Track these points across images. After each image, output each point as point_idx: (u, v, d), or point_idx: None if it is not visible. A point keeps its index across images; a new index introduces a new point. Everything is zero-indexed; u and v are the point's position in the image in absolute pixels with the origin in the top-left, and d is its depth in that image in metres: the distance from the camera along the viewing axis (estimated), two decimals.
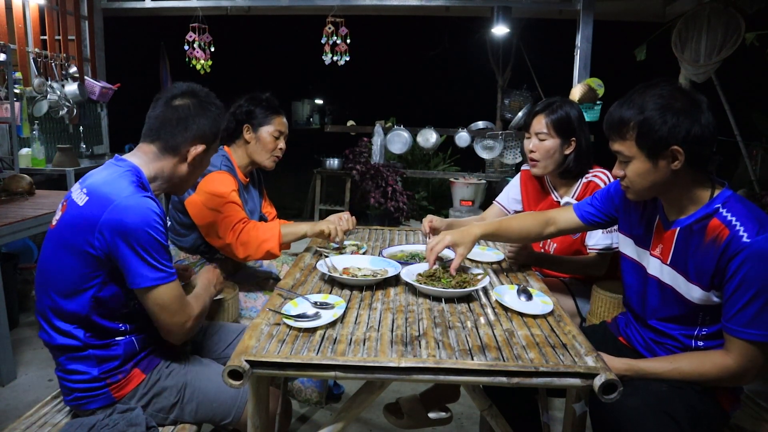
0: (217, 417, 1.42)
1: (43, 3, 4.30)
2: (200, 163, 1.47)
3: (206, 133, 1.43)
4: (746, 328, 1.19)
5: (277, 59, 23.98)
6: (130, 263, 1.24)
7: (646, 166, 1.27)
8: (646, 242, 1.44)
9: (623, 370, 1.30)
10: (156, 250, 1.26)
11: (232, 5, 5.18)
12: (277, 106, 2.12)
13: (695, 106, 1.22)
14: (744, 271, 1.17)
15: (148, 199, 1.28)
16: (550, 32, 7.17)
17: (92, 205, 1.26)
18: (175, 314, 1.30)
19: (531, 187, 2.13)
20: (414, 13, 5.51)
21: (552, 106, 1.92)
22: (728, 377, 1.25)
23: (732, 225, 1.21)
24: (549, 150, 1.91)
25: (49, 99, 4.24)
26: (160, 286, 1.27)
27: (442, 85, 19.67)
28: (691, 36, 4.21)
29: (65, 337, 1.31)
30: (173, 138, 1.40)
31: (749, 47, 3.91)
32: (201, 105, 1.43)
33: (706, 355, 1.30)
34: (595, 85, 4.62)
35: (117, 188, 1.27)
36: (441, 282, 1.47)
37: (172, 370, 1.42)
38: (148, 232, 1.24)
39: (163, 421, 1.40)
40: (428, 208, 6.80)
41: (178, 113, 1.40)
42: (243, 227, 1.87)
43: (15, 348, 2.75)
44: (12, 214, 2.59)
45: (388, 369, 1.07)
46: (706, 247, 1.25)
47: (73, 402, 1.35)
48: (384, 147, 5.79)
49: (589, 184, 1.93)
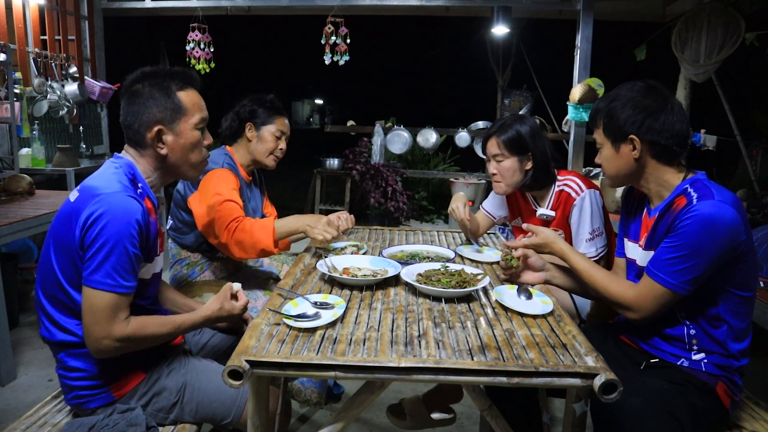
0: (217, 417, 1.42)
1: (43, 3, 4.30)
2: (178, 144, 1.39)
3: (153, 113, 1.35)
4: (657, 270, 1.31)
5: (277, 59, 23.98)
6: (93, 259, 1.23)
7: (612, 152, 1.42)
8: (636, 235, 1.50)
9: (565, 248, 1.52)
10: (118, 258, 1.22)
11: (232, 5, 5.18)
12: (280, 107, 2.13)
13: (659, 104, 1.34)
14: (681, 227, 1.27)
15: (133, 201, 1.26)
16: (550, 32, 7.17)
17: (80, 199, 1.28)
18: (97, 323, 1.23)
19: (514, 196, 2.16)
20: (414, 13, 5.51)
21: (503, 127, 1.94)
22: (620, 303, 1.39)
23: (690, 196, 1.30)
24: (509, 169, 1.94)
25: (49, 99, 4.24)
26: (99, 290, 1.22)
27: (442, 85, 19.68)
28: (691, 36, 4.21)
29: (64, 333, 1.31)
30: (131, 131, 1.37)
31: (749, 47, 3.91)
32: (131, 93, 1.37)
33: (617, 278, 1.48)
34: (595, 85, 4.62)
35: (105, 183, 1.29)
36: (441, 282, 1.47)
37: (172, 369, 1.42)
38: (120, 239, 1.22)
39: (163, 420, 1.40)
40: (428, 208, 6.81)
41: (125, 107, 1.38)
42: (237, 225, 1.84)
43: (15, 348, 2.75)
44: (12, 214, 2.59)
45: (388, 369, 1.07)
46: (669, 220, 1.33)
47: (74, 401, 1.35)
48: (384, 147, 5.79)
49: (561, 194, 1.96)
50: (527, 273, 1.62)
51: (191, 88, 1.42)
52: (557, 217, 1.95)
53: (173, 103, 1.36)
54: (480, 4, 5.13)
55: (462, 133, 5.66)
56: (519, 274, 1.61)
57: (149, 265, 1.37)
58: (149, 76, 1.38)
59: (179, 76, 1.40)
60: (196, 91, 1.43)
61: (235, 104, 2.14)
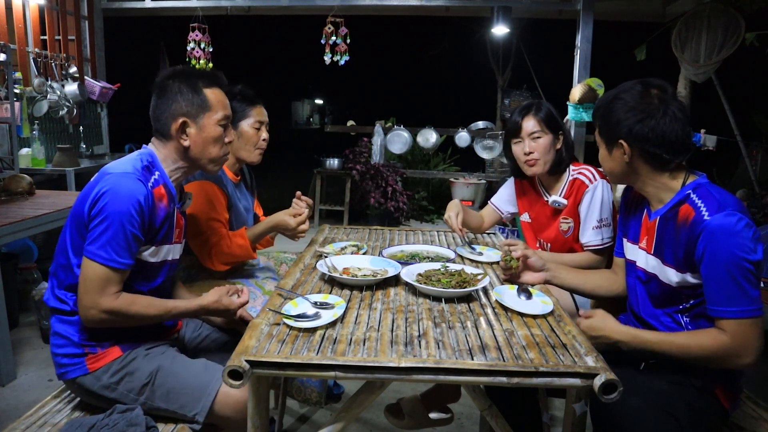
0: (185, 407, 1.39)
1: (43, 3, 4.30)
2: (200, 137, 1.47)
3: (180, 106, 1.44)
4: (726, 307, 1.21)
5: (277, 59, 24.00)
6: (93, 231, 1.32)
7: (605, 153, 1.43)
8: (636, 237, 1.49)
9: (624, 334, 1.31)
10: (114, 234, 1.30)
11: (232, 5, 5.18)
12: (253, 96, 2.06)
13: (650, 110, 1.30)
14: (710, 251, 1.22)
15: (138, 183, 1.34)
16: (550, 32, 7.18)
17: (96, 178, 1.39)
18: (87, 292, 1.31)
19: (524, 189, 2.17)
20: (414, 13, 5.51)
21: (538, 106, 1.98)
22: (725, 353, 1.23)
23: (698, 207, 1.26)
24: (546, 146, 1.95)
25: (49, 99, 4.24)
26: (94, 262, 1.30)
27: (442, 85, 19.69)
28: (691, 36, 4.21)
29: (59, 301, 1.41)
30: (158, 123, 1.47)
31: (749, 47, 3.91)
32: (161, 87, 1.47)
33: (704, 330, 1.29)
34: (595, 85, 4.63)
35: (119, 165, 1.38)
36: (441, 282, 1.47)
37: (150, 353, 1.44)
38: (118, 216, 1.30)
39: (134, 402, 1.39)
40: (428, 208, 6.81)
41: (155, 100, 1.47)
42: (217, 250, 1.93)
43: (15, 348, 2.75)
44: (12, 214, 2.59)
45: (388, 369, 1.07)
46: (678, 230, 1.30)
47: (58, 369, 1.42)
48: (384, 147, 5.79)
49: (574, 181, 1.97)
50: (527, 273, 1.62)
51: (217, 87, 1.51)
52: (568, 206, 1.97)
53: (199, 98, 1.46)
54: (480, 4, 5.14)
55: (462, 133, 5.66)
56: (519, 274, 1.61)
57: (154, 249, 1.43)
58: (180, 74, 1.48)
59: (207, 75, 1.51)
60: (222, 91, 1.52)
61: None
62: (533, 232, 2.12)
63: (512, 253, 1.58)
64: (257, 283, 2.13)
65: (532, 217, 2.12)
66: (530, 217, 2.13)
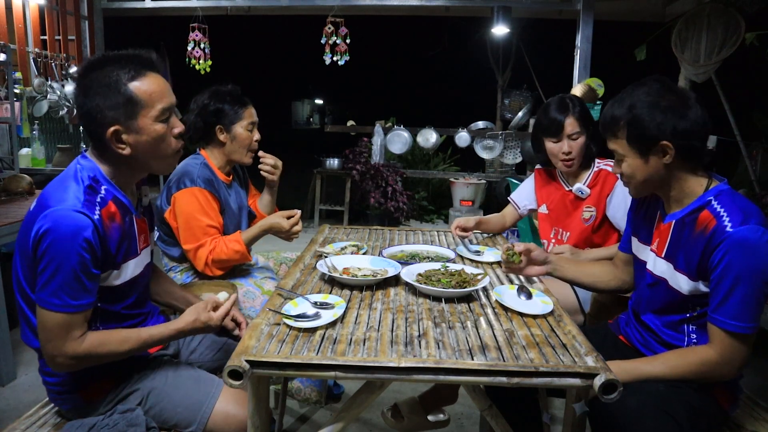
0: (181, 424, 1.37)
1: (43, 3, 4.30)
2: (140, 142, 1.24)
3: (105, 114, 1.20)
4: (729, 319, 1.21)
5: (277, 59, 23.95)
6: (41, 276, 1.17)
7: (639, 162, 1.33)
8: (647, 238, 1.46)
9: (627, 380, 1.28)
10: (65, 278, 1.15)
11: (232, 5, 5.18)
12: (243, 98, 2.05)
13: (682, 102, 1.27)
14: (726, 261, 1.19)
15: (81, 218, 1.16)
16: (550, 32, 7.17)
17: (34, 210, 1.21)
18: (48, 341, 1.18)
19: (543, 182, 2.21)
20: (414, 13, 5.51)
21: (570, 104, 1.98)
22: (710, 370, 1.25)
23: (719, 215, 1.23)
24: (582, 146, 1.99)
25: (49, 99, 4.24)
26: (47, 310, 1.17)
27: (442, 85, 19.67)
28: (691, 36, 4.21)
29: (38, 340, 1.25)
30: (88, 130, 1.25)
31: (749, 47, 3.91)
32: (81, 87, 1.23)
33: (691, 349, 1.31)
34: (595, 85, 4.63)
35: (58, 194, 1.19)
36: (441, 282, 1.47)
37: (141, 375, 1.39)
38: (65, 259, 1.14)
39: None
40: (428, 208, 6.81)
41: (78, 100, 1.24)
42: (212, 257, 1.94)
43: (15, 348, 2.75)
44: (12, 214, 2.59)
45: (388, 369, 1.07)
46: (695, 237, 1.28)
47: (53, 402, 1.39)
48: (384, 147, 5.79)
49: (600, 172, 2.01)
50: (530, 267, 1.61)
51: (148, 72, 1.24)
52: (592, 195, 2.00)
53: (125, 97, 1.20)
54: (480, 4, 5.13)
55: (462, 133, 5.66)
56: (522, 268, 1.61)
57: (117, 272, 1.29)
58: (95, 68, 1.22)
59: (130, 62, 1.22)
60: (156, 74, 1.25)
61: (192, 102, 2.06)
62: (550, 223, 2.16)
63: (515, 248, 1.58)
64: (256, 282, 2.13)
65: (551, 207, 2.15)
66: (548, 209, 2.16)
